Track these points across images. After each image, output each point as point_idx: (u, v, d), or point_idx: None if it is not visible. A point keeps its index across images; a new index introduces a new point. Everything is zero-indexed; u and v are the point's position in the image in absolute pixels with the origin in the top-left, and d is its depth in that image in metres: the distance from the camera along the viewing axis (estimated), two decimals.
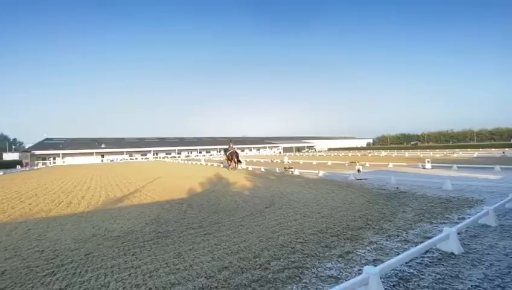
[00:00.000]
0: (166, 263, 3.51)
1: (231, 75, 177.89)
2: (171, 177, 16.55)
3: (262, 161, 34.51)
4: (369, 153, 49.59)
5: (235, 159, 20.69)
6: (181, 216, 6.17)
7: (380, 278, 2.61)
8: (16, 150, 65.65)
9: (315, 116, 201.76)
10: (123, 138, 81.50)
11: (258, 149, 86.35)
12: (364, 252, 3.66)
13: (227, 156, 21.40)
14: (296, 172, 15.31)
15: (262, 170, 18.85)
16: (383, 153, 42.01)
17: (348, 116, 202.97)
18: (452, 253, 3.54)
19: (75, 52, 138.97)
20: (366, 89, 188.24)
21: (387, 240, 4.10)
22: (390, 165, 18.23)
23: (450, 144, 71.32)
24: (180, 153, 73.49)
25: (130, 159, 66.45)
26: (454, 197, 7.01)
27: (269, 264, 3.35)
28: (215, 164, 29.68)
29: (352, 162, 22.18)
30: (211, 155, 75.26)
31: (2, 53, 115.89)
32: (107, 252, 4.01)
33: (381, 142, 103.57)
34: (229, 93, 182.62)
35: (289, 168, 17.65)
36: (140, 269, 3.36)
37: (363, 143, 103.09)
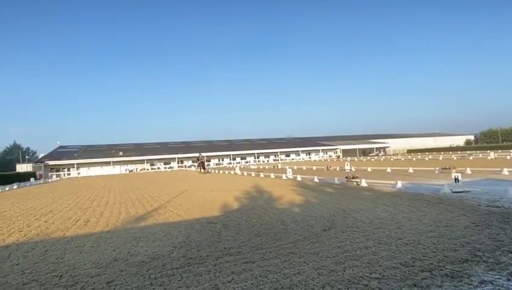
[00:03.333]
0: None
1: (268, 59, 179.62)
2: (200, 190, 17.26)
3: (314, 168, 33.97)
4: (470, 154, 45.36)
5: (202, 167, 38.48)
6: (215, 239, 6.37)
7: None
8: (29, 161, 75.46)
9: (388, 106, 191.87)
10: (143, 144, 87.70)
11: (308, 153, 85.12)
12: None
13: (198, 165, 40.57)
14: (363, 183, 14.71)
15: (316, 180, 18.54)
16: (492, 154, 37.89)
17: (436, 105, 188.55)
18: None
19: (87, 53, 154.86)
20: (460, 66, 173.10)
21: (508, 279, 3.66)
22: (505, 171, 16.37)
23: None
24: (209, 161, 76.22)
25: (152, 168, 71.12)
26: None
27: None
28: (253, 174, 30.13)
29: (446, 168, 20.51)
30: (247, 162, 76.62)
31: (11, 58, 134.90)
32: (131, 281, 4.31)
33: (488, 139, 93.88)
34: (268, 84, 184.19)
35: (353, 177, 17.03)
36: None
37: (459, 141, 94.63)
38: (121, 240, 6.70)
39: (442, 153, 63.03)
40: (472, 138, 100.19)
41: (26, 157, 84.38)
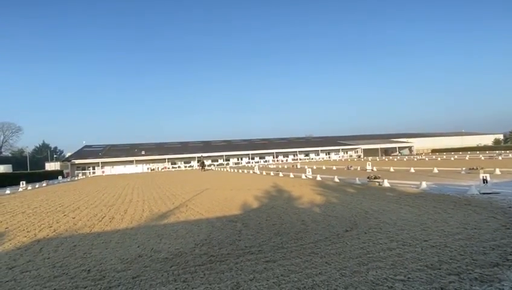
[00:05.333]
0: None
1: (286, 56, 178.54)
2: (220, 189, 17.43)
3: (334, 168, 33.54)
4: (499, 154, 43.40)
5: (202, 166, 54.25)
6: (236, 237, 6.42)
7: None
8: (57, 159, 78.82)
9: (411, 104, 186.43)
10: (164, 143, 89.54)
11: (328, 153, 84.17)
12: None
13: (199, 164, 57.98)
14: (386, 183, 14.39)
15: (336, 180, 18.30)
16: None
17: (463, 103, 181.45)
18: None
19: (112, 55, 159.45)
20: (490, 61, 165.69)
21: None
22: None
23: None
24: (228, 160, 76.84)
25: (173, 167, 72.51)
26: None
27: None
28: (272, 173, 30.11)
29: (473, 169, 19.75)
30: (265, 162, 76.64)
31: (35, 61, 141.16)
32: (155, 276, 4.42)
33: None
34: (286, 83, 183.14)
35: (375, 177, 16.68)
36: None
37: (487, 140, 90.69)
38: (145, 237, 6.87)
39: (468, 152, 60.69)
40: (501, 137, 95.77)
41: (54, 156, 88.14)
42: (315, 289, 3.68)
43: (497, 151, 55.98)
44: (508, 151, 51.50)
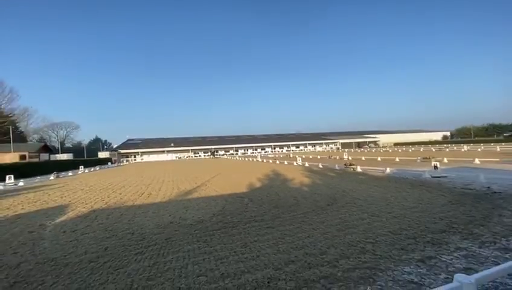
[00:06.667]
0: (234, 252, 3.72)
1: (283, 68, 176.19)
2: (231, 172, 17.46)
3: (319, 157, 33.44)
4: (447, 147, 43.00)
5: (213, 155, 67.69)
6: (243, 209, 6.45)
7: None
8: (106, 149, 79.19)
9: (378, 107, 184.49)
10: (188, 137, 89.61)
11: (314, 146, 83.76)
12: (451, 258, 3.18)
13: (211, 154, 70.02)
14: (359, 169, 14.34)
15: (320, 166, 18.25)
16: (465, 147, 35.79)
17: (418, 106, 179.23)
18: None
19: (146, 75, 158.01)
20: (440, 73, 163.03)
21: (480, 247, 3.48)
22: (477, 161, 15.41)
23: None
24: (237, 151, 76.87)
25: (195, 156, 72.70)
26: None
27: (337, 262, 3.22)
28: (270, 161, 30.07)
29: (426, 158, 19.59)
30: (265, 152, 76.54)
31: (92, 71, 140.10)
32: (183, 238, 4.47)
33: (462, 135, 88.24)
34: (282, 88, 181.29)
35: (350, 164, 16.62)
36: (213, 255, 3.64)
37: (437, 136, 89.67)
38: (175, 208, 6.93)
39: (423, 146, 60.13)
40: (448, 134, 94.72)
41: (105, 147, 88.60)
42: (304, 248, 3.71)
43: (444, 145, 55.47)
44: (453, 145, 51.00)
